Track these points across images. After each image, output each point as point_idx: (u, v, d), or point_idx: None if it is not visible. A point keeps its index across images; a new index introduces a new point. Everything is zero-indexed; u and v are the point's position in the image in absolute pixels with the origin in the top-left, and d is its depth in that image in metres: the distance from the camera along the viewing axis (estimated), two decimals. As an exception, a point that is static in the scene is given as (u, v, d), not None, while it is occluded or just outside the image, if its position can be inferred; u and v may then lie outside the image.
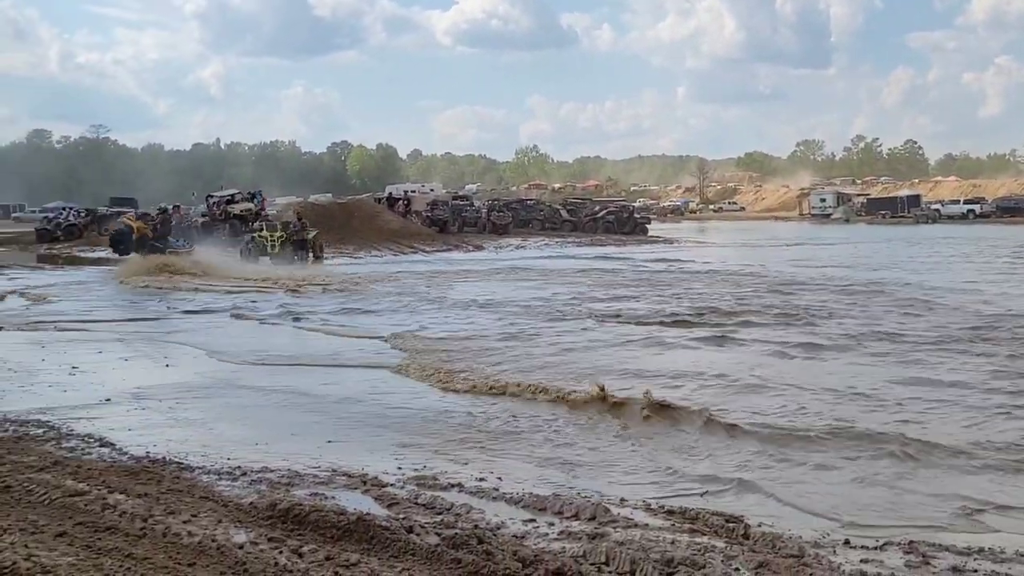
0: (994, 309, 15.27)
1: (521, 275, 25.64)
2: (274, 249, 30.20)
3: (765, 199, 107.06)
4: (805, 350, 11.78)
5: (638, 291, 20.06)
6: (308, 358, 12.18)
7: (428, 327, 14.58)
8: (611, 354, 11.79)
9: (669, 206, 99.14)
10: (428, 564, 4.59)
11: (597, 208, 58.57)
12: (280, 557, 4.56)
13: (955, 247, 36.18)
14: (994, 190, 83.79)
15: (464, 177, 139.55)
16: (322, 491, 6.04)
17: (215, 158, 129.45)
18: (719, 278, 22.64)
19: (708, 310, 15.87)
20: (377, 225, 44.17)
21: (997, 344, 11.73)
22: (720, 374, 10.23)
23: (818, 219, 77.10)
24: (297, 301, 19.04)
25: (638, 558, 4.63)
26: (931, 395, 8.95)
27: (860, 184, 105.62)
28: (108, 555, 4.38)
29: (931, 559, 4.88)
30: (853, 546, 5.09)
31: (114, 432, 7.65)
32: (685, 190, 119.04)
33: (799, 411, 8.38)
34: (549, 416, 8.45)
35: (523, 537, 5.17)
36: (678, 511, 5.66)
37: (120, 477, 6.07)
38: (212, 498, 5.68)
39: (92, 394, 9.41)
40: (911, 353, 11.30)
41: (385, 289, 21.35)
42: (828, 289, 19.35)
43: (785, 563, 4.71)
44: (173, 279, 24.11)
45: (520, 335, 13.50)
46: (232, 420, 8.50)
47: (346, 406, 9.09)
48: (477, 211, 53.17)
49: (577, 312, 16.15)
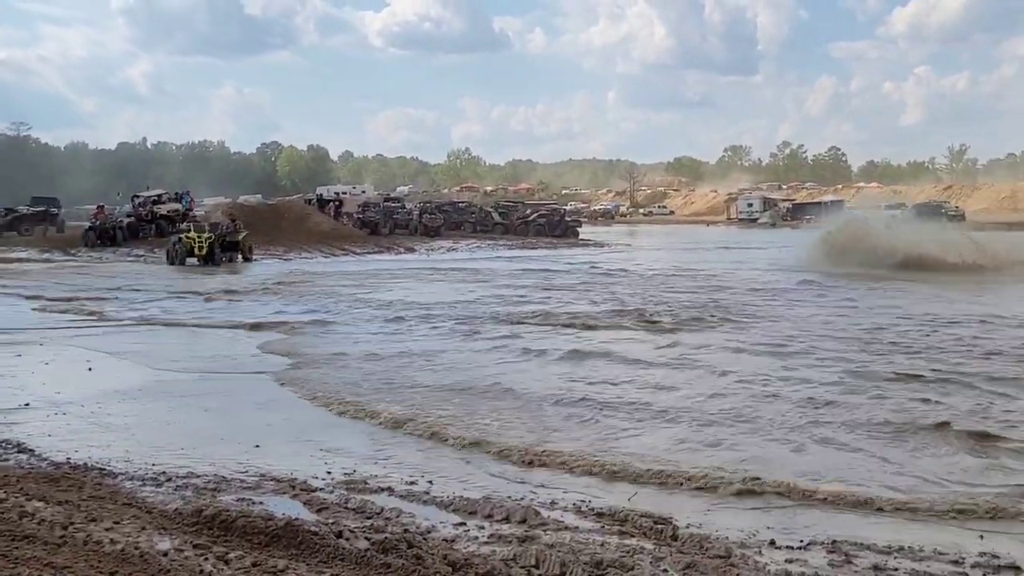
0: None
1: (460, 276, 25.67)
2: (201, 250, 29.71)
3: (694, 203, 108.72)
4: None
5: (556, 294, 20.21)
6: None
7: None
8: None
9: (600, 210, 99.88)
10: (357, 569, 4.56)
11: (528, 211, 58.77)
12: (206, 564, 4.48)
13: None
14: (914, 196, 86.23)
15: (396, 179, 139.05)
16: (250, 496, 5.95)
17: (142, 158, 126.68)
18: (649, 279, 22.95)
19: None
20: (307, 227, 43.69)
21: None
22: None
23: (745, 223, 78.52)
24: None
25: (568, 560, 4.66)
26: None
27: (786, 189, 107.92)
28: (25, 564, 4.25)
29: (853, 558, 5.00)
30: (778, 546, 5.19)
31: (32, 438, 7.44)
32: (615, 194, 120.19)
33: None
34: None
35: (453, 541, 5.16)
36: (608, 513, 5.70)
37: (39, 484, 5.90)
38: (136, 504, 5.55)
39: (10, 399, 9.11)
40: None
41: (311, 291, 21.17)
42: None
43: (712, 564, 4.78)
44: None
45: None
46: (157, 425, 8.32)
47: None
48: (409, 213, 52.96)
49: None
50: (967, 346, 12.08)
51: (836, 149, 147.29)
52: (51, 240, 40.47)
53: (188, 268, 29.24)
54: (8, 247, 38.17)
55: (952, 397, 8.96)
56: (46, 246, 38.28)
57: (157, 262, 31.44)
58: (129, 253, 35.61)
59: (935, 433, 7.60)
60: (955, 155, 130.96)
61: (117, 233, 38.43)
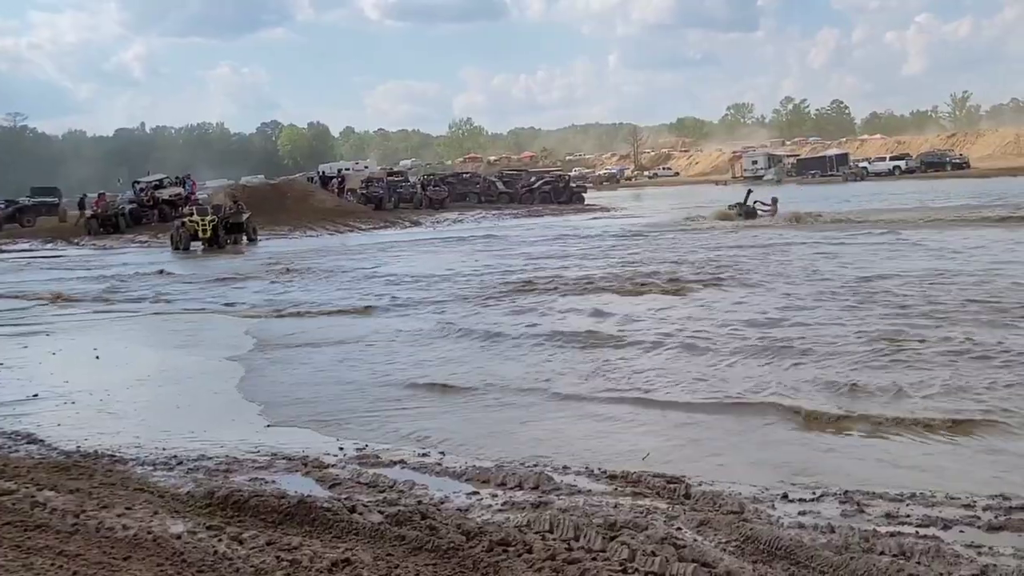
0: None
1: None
2: (205, 233, 29.61)
3: (699, 163, 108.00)
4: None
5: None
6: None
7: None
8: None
9: (605, 174, 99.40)
10: (371, 542, 4.54)
11: (533, 179, 58.48)
12: (219, 545, 4.46)
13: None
14: (918, 146, 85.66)
15: (398, 153, 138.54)
16: (262, 476, 5.95)
17: (141, 143, 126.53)
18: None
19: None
20: (311, 204, 43.67)
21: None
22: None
23: (751, 181, 78.08)
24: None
25: (581, 524, 4.64)
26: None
27: (790, 145, 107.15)
28: (39, 554, 4.24)
29: (865, 507, 4.98)
30: (791, 499, 5.18)
31: (42, 428, 7.44)
32: (620, 158, 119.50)
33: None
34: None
35: (467, 510, 5.15)
36: (620, 475, 5.68)
37: (50, 473, 5.89)
38: (147, 489, 5.54)
39: (19, 390, 9.12)
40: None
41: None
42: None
43: (726, 520, 4.76)
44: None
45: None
46: (167, 409, 8.33)
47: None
48: (412, 186, 52.83)
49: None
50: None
51: (839, 102, 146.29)
52: (54, 230, 40.48)
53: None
54: (11, 238, 38.22)
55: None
56: (49, 236, 38.30)
57: (162, 247, 31.34)
58: (133, 240, 35.56)
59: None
60: (958, 102, 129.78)
61: (119, 220, 38.36)
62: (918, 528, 4.66)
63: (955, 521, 4.74)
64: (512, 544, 4.41)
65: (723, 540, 4.47)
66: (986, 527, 4.66)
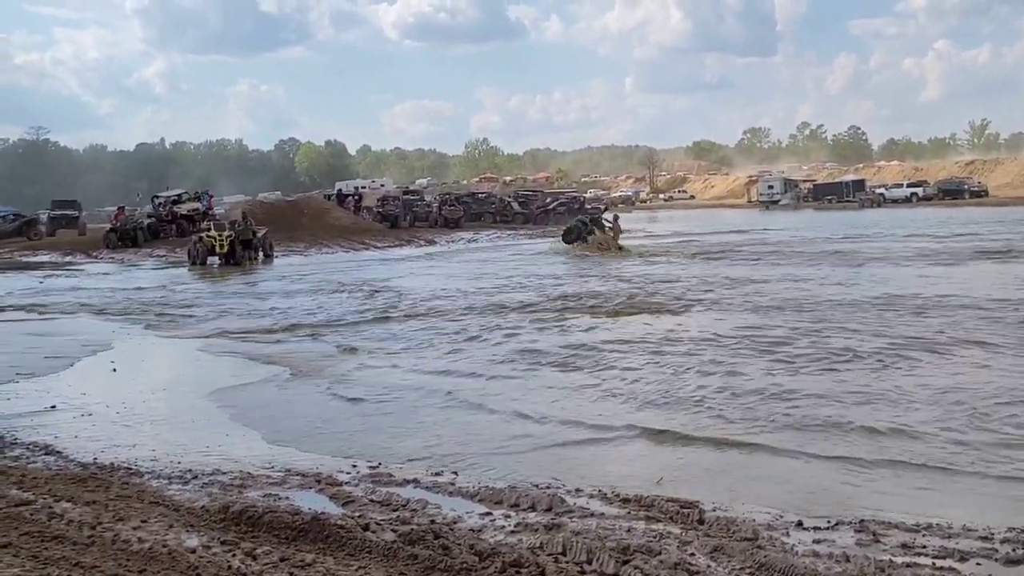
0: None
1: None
2: (223, 249, 29.74)
3: (715, 187, 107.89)
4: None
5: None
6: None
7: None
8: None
9: (619, 196, 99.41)
10: (384, 561, 4.55)
11: (548, 200, 58.58)
12: (233, 560, 4.49)
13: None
14: (935, 173, 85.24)
15: (414, 172, 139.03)
16: (276, 492, 5.97)
17: (161, 158, 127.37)
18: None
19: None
20: (327, 222, 43.86)
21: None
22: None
23: (766, 205, 77.90)
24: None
25: (594, 547, 4.63)
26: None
27: (806, 170, 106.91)
28: (55, 565, 4.28)
29: (881, 537, 4.96)
30: (806, 527, 5.15)
31: (60, 440, 7.49)
32: (635, 180, 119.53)
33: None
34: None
35: (480, 530, 5.15)
36: (633, 499, 5.67)
37: (67, 485, 5.94)
38: (162, 503, 5.58)
39: (38, 401, 9.19)
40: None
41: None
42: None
43: (740, 546, 4.75)
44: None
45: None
46: (186, 423, 8.37)
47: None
48: (428, 205, 52.97)
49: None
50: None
51: (856, 128, 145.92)
52: (73, 242, 40.69)
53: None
54: (31, 250, 38.48)
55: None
56: (68, 248, 38.52)
57: (180, 263, 31.44)
58: (150, 254, 35.73)
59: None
60: (976, 130, 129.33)
61: (138, 234, 38.57)
62: (935, 560, 4.62)
63: (972, 553, 4.70)
64: (525, 566, 4.41)
65: (737, 567, 4.46)
66: (1004, 560, 4.63)
